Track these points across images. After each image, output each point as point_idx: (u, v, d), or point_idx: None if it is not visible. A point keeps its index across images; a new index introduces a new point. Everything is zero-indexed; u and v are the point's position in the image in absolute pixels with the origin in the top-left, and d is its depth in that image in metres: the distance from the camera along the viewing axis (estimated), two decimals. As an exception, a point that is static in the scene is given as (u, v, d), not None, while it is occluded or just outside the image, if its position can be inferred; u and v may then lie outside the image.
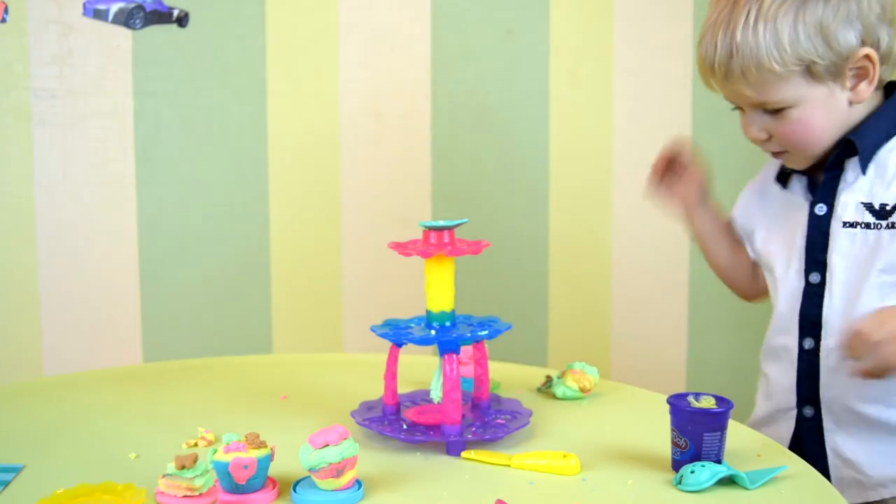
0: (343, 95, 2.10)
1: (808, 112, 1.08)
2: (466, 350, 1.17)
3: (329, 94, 2.10)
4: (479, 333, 0.98)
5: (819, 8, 1.04)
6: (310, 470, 0.83)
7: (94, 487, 0.82)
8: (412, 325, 1.02)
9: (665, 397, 0.97)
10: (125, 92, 1.97)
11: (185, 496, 0.82)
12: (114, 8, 1.90)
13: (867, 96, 1.09)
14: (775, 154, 1.16)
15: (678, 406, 0.91)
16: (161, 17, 1.89)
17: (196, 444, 0.99)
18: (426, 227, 0.97)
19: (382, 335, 1.00)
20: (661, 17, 2.21)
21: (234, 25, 2.02)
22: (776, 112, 1.09)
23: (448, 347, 0.97)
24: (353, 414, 1.03)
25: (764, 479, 0.87)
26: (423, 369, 1.17)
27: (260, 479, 0.83)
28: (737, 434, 0.99)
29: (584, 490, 0.87)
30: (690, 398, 0.92)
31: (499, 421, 1.00)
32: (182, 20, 1.95)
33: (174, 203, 2.03)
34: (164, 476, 0.83)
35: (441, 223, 0.96)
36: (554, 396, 1.16)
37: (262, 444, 0.85)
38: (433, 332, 0.98)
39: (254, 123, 2.06)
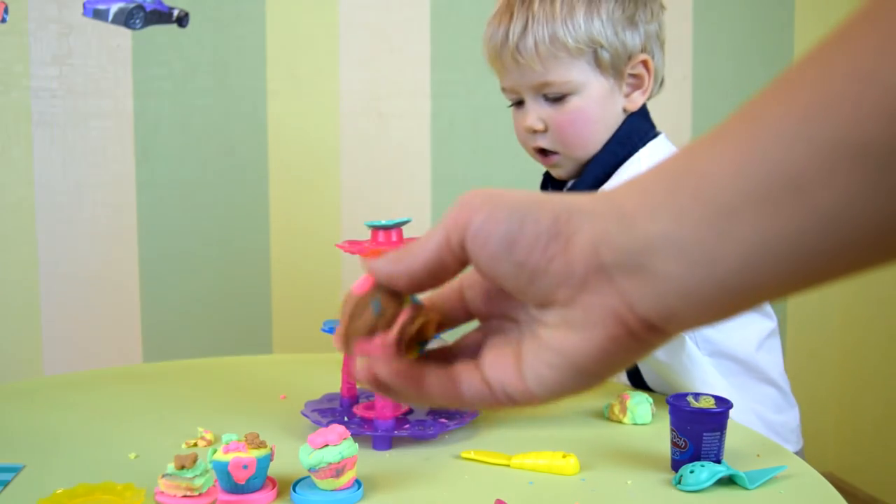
0: (343, 95, 2.10)
1: (587, 102, 1.13)
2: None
3: (329, 94, 2.10)
4: None
5: (610, 1, 1.12)
6: (309, 470, 0.83)
7: (94, 487, 0.82)
8: None
9: (665, 397, 0.97)
10: (125, 92, 1.97)
11: (185, 496, 0.82)
12: (114, 8, 1.90)
13: (638, 106, 1.16)
14: (545, 155, 1.18)
15: (678, 406, 0.91)
16: (161, 17, 1.90)
17: (196, 444, 0.99)
18: (371, 226, 0.99)
19: (328, 330, 1.02)
20: (661, 17, 2.21)
21: (234, 25, 2.02)
22: (557, 100, 1.13)
23: None
24: (307, 403, 1.06)
25: (763, 478, 0.87)
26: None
27: (260, 479, 0.83)
28: (736, 434, 0.99)
29: (584, 490, 0.87)
30: (690, 398, 0.92)
31: (441, 420, 1.01)
32: (182, 20, 1.95)
33: (174, 203, 2.03)
34: (163, 476, 0.83)
35: (385, 222, 0.99)
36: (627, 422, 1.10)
37: (261, 444, 0.85)
38: None
39: (254, 123, 2.06)
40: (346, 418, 1.01)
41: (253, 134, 2.06)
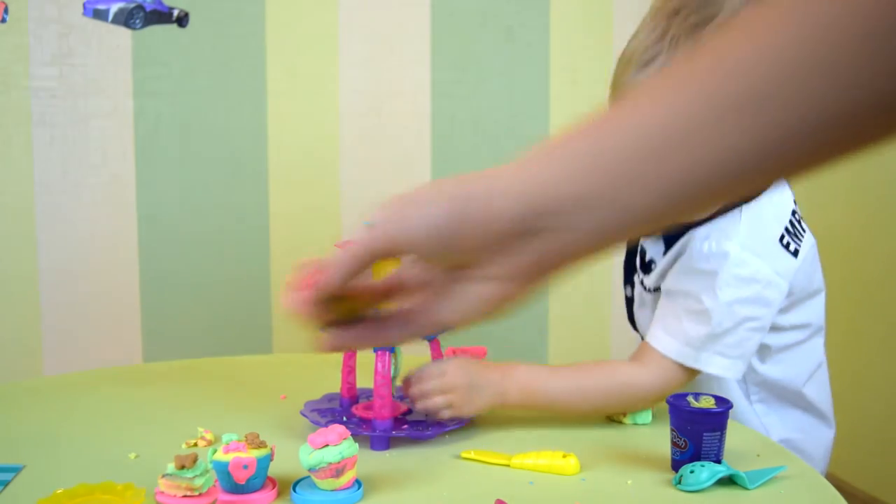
0: (343, 95, 2.10)
1: None
2: (469, 350, 1.17)
3: (329, 94, 2.10)
4: None
5: None
6: (310, 470, 0.83)
7: (94, 487, 0.82)
8: None
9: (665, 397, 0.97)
10: (125, 92, 1.97)
11: (185, 496, 0.82)
12: (114, 8, 1.90)
13: None
14: None
15: (678, 406, 0.91)
16: (161, 17, 1.89)
17: (196, 444, 0.99)
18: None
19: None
20: (660, 17, 2.21)
21: (234, 25, 2.02)
22: None
23: (381, 346, 0.99)
24: (307, 403, 1.06)
25: (763, 478, 0.87)
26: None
27: (260, 478, 0.83)
28: (736, 434, 0.99)
29: (584, 490, 0.87)
30: (690, 398, 0.92)
31: (440, 421, 1.01)
32: (182, 20, 1.95)
33: (174, 203, 2.03)
34: (163, 476, 0.83)
35: None
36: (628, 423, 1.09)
37: (262, 444, 0.85)
38: None
39: (254, 123, 2.06)
40: (344, 418, 1.01)
41: (253, 134, 2.06)
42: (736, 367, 1.05)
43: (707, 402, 0.91)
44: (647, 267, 1.18)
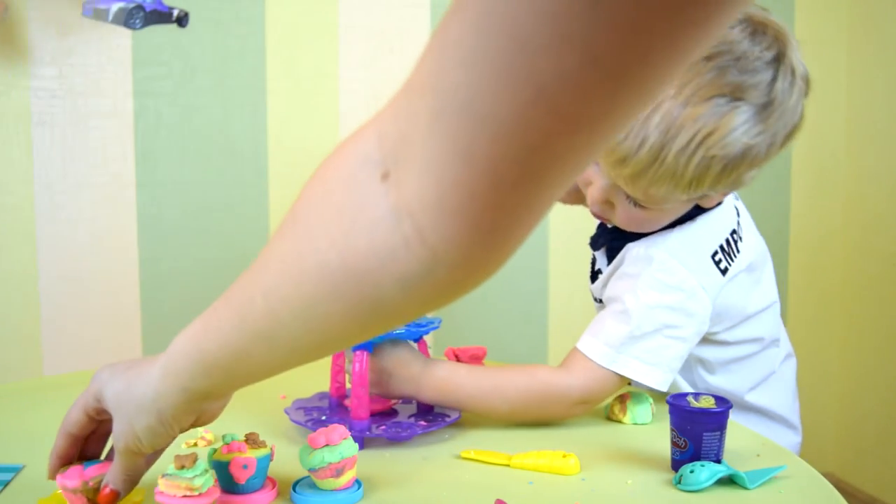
0: (343, 95, 2.10)
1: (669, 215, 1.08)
2: (469, 350, 1.17)
3: (329, 93, 2.10)
4: (396, 331, 1.01)
5: None
6: (310, 470, 0.83)
7: (94, 487, 0.82)
8: None
9: (665, 397, 0.97)
10: (125, 92, 1.97)
11: (185, 496, 0.82)
12: (114, 8, 1.90)
13: None
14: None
15: (678, 406, 0.91)
16: (161, 17, 1.89)
17: (196, 444, 0.99)
18: None
19: None
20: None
21: (234, 25, 2.02)
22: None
23: (358, 345, 1.00)
24: (295, 401, 1.07)
25: (763, 478, 0.87)
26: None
27: (259, 478, 0.83)
28: (736, 434, 0.99)
29: (584, 490, 0.87)
30: (690, 398, 0.92)
31: (422, 423, 1.01)
32: (182, 20, 1.95)
33: (174, 203, 2.03)
34: (163, 476, 0.83)
35: None
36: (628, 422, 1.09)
37: (261, 444, 0.85)
38: None
39: (254, 123, 2.06)
40: (323, 417, 1.02)
41: (253, 134, 2.06)
42: (654, 374, 1.04)
43: (707, 402, 0.91)
44: (594, 276, 1.20)
